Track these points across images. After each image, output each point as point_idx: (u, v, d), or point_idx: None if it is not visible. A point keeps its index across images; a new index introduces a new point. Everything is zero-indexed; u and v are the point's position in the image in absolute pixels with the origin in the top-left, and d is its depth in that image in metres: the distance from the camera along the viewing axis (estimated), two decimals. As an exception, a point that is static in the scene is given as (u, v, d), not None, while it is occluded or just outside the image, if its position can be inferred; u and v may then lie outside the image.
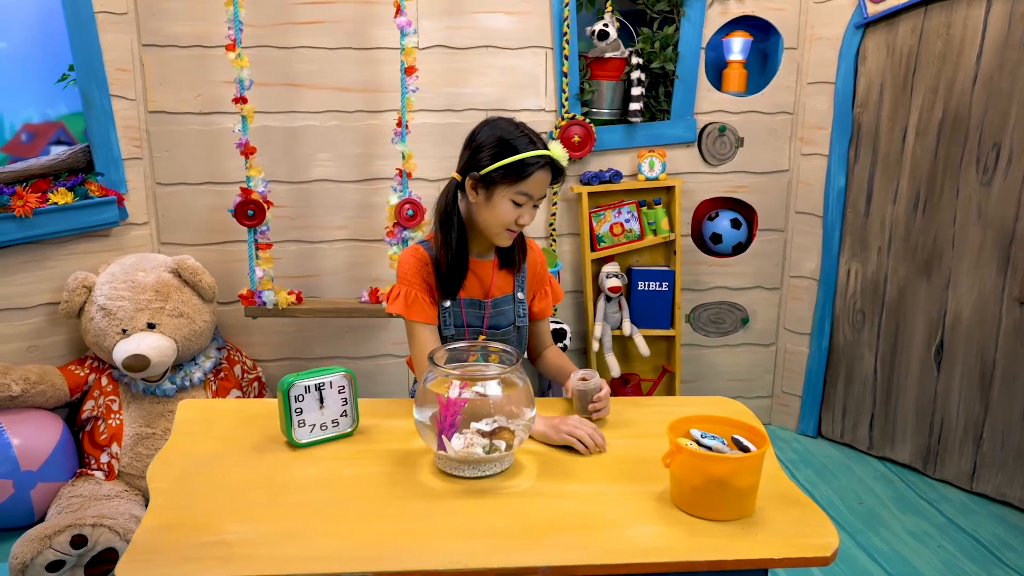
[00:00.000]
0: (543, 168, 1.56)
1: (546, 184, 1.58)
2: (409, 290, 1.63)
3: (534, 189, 1.56)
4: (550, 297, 1.81)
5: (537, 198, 1.58)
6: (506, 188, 1.56)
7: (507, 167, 1.54)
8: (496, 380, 1.32)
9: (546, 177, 1.57)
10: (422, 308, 1.62)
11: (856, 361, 2.89)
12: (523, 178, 1.54)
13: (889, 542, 2.34)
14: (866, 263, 2.81)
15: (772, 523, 1.19)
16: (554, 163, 1.57)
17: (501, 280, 1.71)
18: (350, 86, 2.69)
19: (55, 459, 2.31)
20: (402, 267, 1.66)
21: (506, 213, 1.57)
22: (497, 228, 1.60)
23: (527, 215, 1.58)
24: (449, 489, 1.27)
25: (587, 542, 1.14)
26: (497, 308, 1.69)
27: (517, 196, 1.56)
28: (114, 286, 2.43)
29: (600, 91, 2.80)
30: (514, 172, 1.54)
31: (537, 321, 1.82)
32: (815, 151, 2.88)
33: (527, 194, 1.56)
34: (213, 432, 1.44)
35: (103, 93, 2.54)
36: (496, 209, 1.57)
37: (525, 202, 1.57)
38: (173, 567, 1.04)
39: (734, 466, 1.17)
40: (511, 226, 1.59)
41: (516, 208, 1.57)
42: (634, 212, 2.86)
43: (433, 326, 1.65)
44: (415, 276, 1.64)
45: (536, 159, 1.54)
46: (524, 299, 1.74)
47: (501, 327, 1.71)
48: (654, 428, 1.50)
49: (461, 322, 1.67)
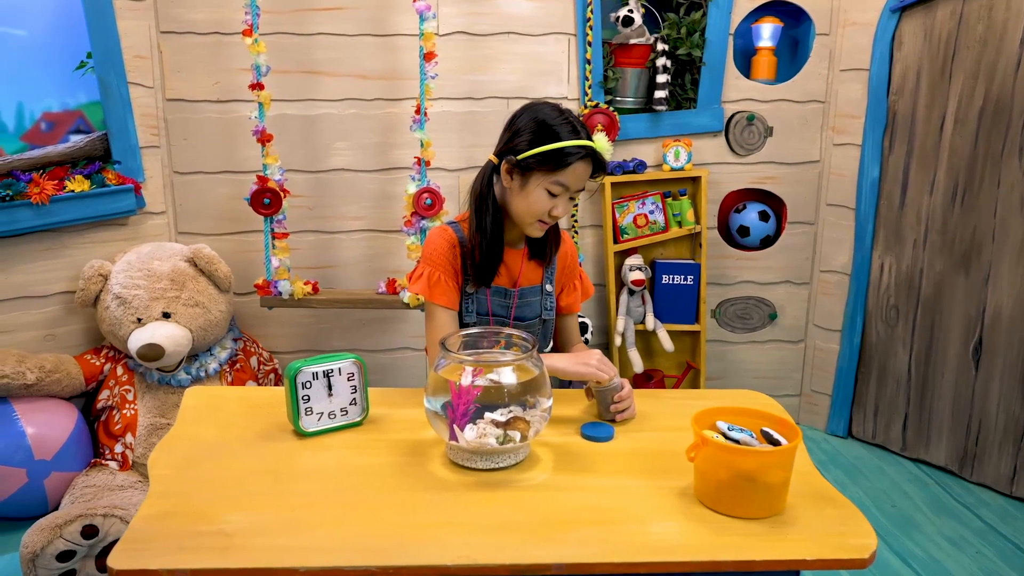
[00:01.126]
0: (583, 159, 1.47)
1: (585, 177, 1.50)
2: (433, 271, 1.57)
3: (571, 180, 1.48)
4: (579, 291, 1.74)
5: (574, 190, 1.50)
6: (542, 176, 1.48)
7: (545, 154, 1.47)
8: (511, 367, 1.25)
9: (586, 169, 1.49)
10: (444, 291, 1.56)
11: (889, 359, 2.79)
12: (561, 168, 1.47)
13: (924, 547, 2.24)
14: (900, 257, 2.71)
15: (804, 522, 1.11)
16: (596, 155, 1.49)
17: (530, 270, 1.64)
18: (369, 73, 2.65)
19: (69, 449, 2.29)
20: (428, 247, 1.60)
21: (540, 203, 1.50)
22: (529, 218, 1.52)
23: (561, 207, 1.50)
24: (460, 481, 1.21)
25: (605, 538, 1.07)
26: (524, 299, 1.63)
27: (553, 186, 1.48)
28: (130, 275, 2.40)
29: (624, 79, 2.73)
30: (552, 160, 1.47)
31: (565, 316, 1.75)
32: (848, 141, 2.78)
33: (564, 184, 1.48)
34: (218, 419, 1.40)
35: (120, 80, 2.52)
36: (530, 197, 1.50)
37: (561, 193, 1.49)
38: (168, 556, 0.99)
39: (763, 460, 1.10)
40: (543, 217, 1.51)
41: (551, 199, 1.49)
42: (658, 203, 2.78)
43: (454, 311, 1.59)
44: (441, 258, 1.58)
45: (576, 149, 1.46)
46: (552, 292, 1.67)
47: (527, 318, 1.64)
48: (677, 421, 1.44)
49: (485, 310, 1.61)
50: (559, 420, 1.43)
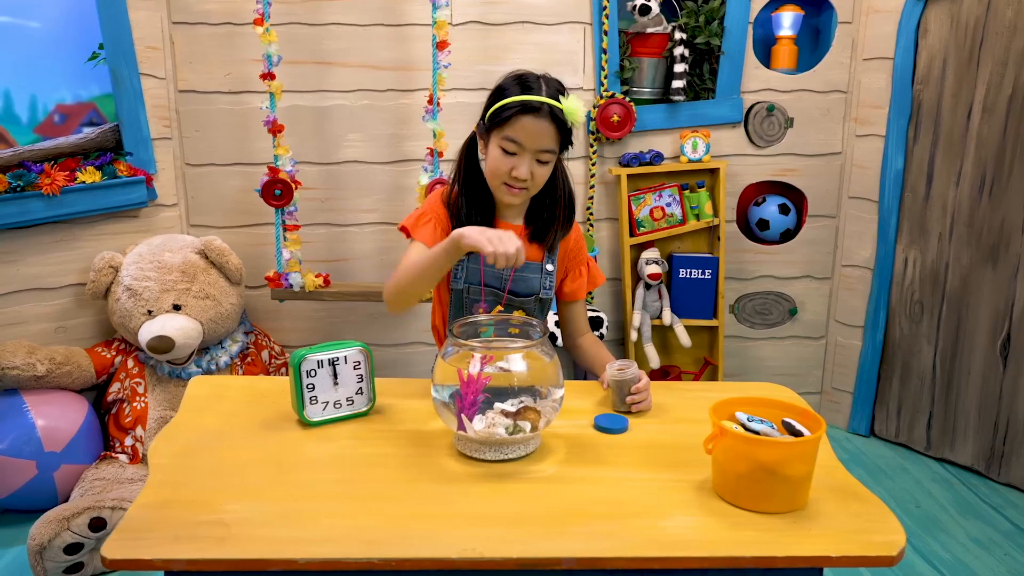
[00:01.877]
0: (534, 113, 1.41)
1: (541, 134, 1.43)
2: (425, 212, 1.57)
3: (521, 136, 1.43)
4: (584, 278, 1.69)
5: (531, 149, 1.44)
6: (496, 135, 1.46)
7: (494, 112, 1.45)
8: (521, 355, 1.21)
9: (540, 126, 1.42)
10: (431, 232, 1.53)
11: (913, 356, 2.71)
12: (506, 122, 1.43)
13: (950, 549, 2.17)
14: (925, 251, 2.63)
15: (828, 517, 1.06)
16: (554, 113, 1.42)
17: (529, 248, 1.60)
18: (382, 64, 2.61)
19: (79, 441, 2.27)
20: (430, 200, 1.61)
21: (496, 161, 1.47)
22: (493, 180, 1.50)
23: (523, 167, 1.45)
24: (468, 472, 1.17)
25: (618, 532, 1.02)
26: (520, 272, 1.58)
27: (504, 143, 1.45)
28: (140, 266, 2.39)
29: (641, 68, 2.68)
30: (503, 113, 1.43)
31: (570, 303, 1.70)
32: (871, 132, 2.71)
33: (513, 140, 1.44)
34: (222, 408, 1.36)
35: (132, 71, 2.50)
36: (489, 157, 1.50)
37: (516, 151, 1.44)
38: (163, 546, 0.95)
39: (785, 452, 1.05)
40: (505, 178, 1.47)
41: (506, 157, 1.46)
42: (676, 196, 2.73)
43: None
44: (438, 208, 1.58)
45: (517, 103, 1.42)
46: (553, 272, 1.62)
47: (522, 294, 1.60)
48: (694, 414, 1.39)
49: (477, 280, 1.58)
50: (572, 411, 1.38)
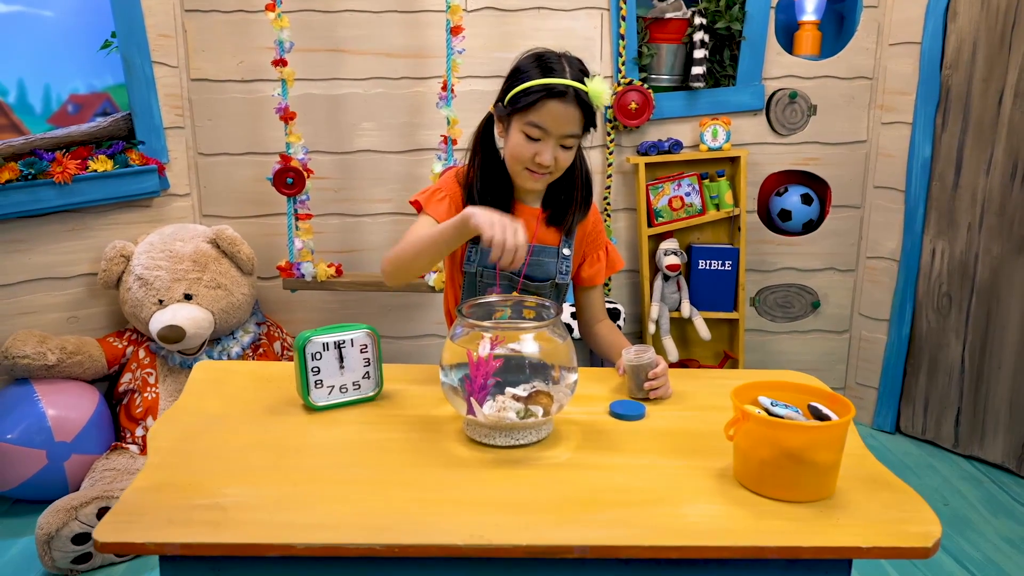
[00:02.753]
0: (559, 97, 1.36)
1: (566, 119, 1.38)
2: (439, 188, 1.52)
3: (547, 121, 1.37)
4: (602, 263, 1.63)
5: (556, 134, 1.38)
6: (518, 119, 1.40)
7: (517, 95, 1.39)
8: (532, 336, 1.15)
9: (566, 110, 1.37)
10: (446, 207, 1.49)
11: (941, 350, 2.63)
12: (531, 107, 1.37)
13: (980, 547, 2.09)
14: (954, 241, 2.55)
15: (857, 507, 1.00)
16: (580, 97, 1.37)
17: (546, 232, 1.55)
18: (395, 51, 2.57)
19: (90, 431, 2.25)
20: (446, 178, 1.56)
21: (518, 147, 1.41)
22: (516, 165, 1.45)
23: (547, 153, 1.39)
24: (477, 458, 1.12)
25: (633, 520, 0.97)
26: (535, 257, 1.53)
27: (527, 128, 1.39)
28: (151, 256, 2.36)
29: (659, 55, 2.62)
30: (526, 98, 1.37)
31: (586, 289, 1.65)
32: (897, 119, 2.63)
33: (538, 126, 1.38)
34: (225, 393, 1.32)
35: (144, 60, 2.48)
36: (511, 143, 1.44)
37: (540, 136, 1.39)
38: (156, 530, 0.91)
39: (812, 437, 0.99)
40: (529, 164, 1.42)
41: (530, 142, 1.40)
42: (695, 185, 2.66)
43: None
44: (452, 186, 1.53)
45: (542, 87, 1.36)
46: (570, 256, 1.57)
47: (537, 279, 1.55)
48: (714, 400, 1.33)
49: (491, 263, 1.51)
50: (586, 397, 1.33)
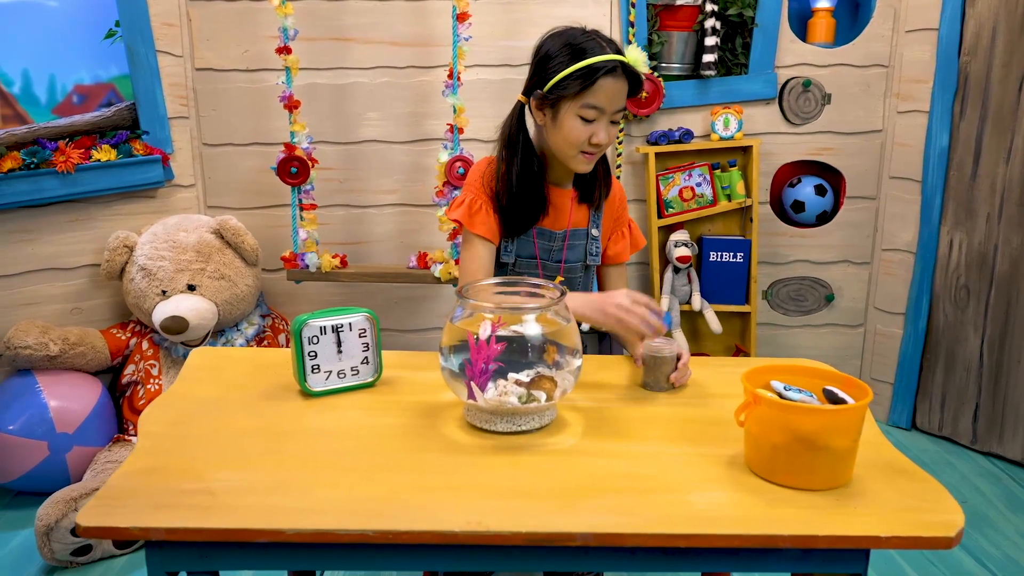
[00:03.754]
0: (610, 75, 1.32)
1: (619, 94, 1.35)
2: (475, 198, 1.46)
3: (603, 100, 1.33)
4: (627, 240, 1.59)
5: (610, 111, 1.35)
6: (571, 102, 1.35)
7: (567, 78, 1.33)
8: (535, 318, 1.11)
9: (618, 86, 1.34)
10: (485, 220, 1.44)
11: (958, 344, 2.57)
12: (587, 88, 1.32)
13: (999, 545, 2.03)
14: (972, 233, 2.49)
15: (875, 495, 0.95)
16: (628, 69, 1.34)
17: (578, 213, 1.52)
18: (401, 40, 2.54)
19: (92, 423, 2.23)
20: (472, 175, 1.51)
21: (574, 131, 1.36)
22: (570, 150, 1.39)
23: (603, 132, 1.36)
24: (477, 444, 1.08)
25: (639, 508, 0.92)
26: (571, 240, 1.51)
27: (584, 110, 1.34)
28: (155, 246, 2.34)
29: (670, 43, 2.57)
30: (577, 81, 1.33)
31: (611, 267, 1.61)
32: (914, 107, 2.57)
33: (595, 107, 1.34)
34: (221, 379, 1.29)
35: (149, 49, 2.46)
36: (564, 128, 1.37)
37: (596, 117, 1.35)
38: (142, 514, 0.88)
39: (827, 421, 0.94)
40: (584, 147, 1.37)
41: (586, 125, 1.35)
42: (706, 175, 2.61)
43: (493, 245, 1.47)
44: (487, 185, 1.47)
45: (599, 64, 1.31)
46: (599, 236, 1.54)
47: (570, 262, 1.52)
48: (724, 388, 1.29)
49: (529, 252, 1.49)
50: (591, 385, 1.29)
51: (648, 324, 1.24)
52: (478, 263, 1.43)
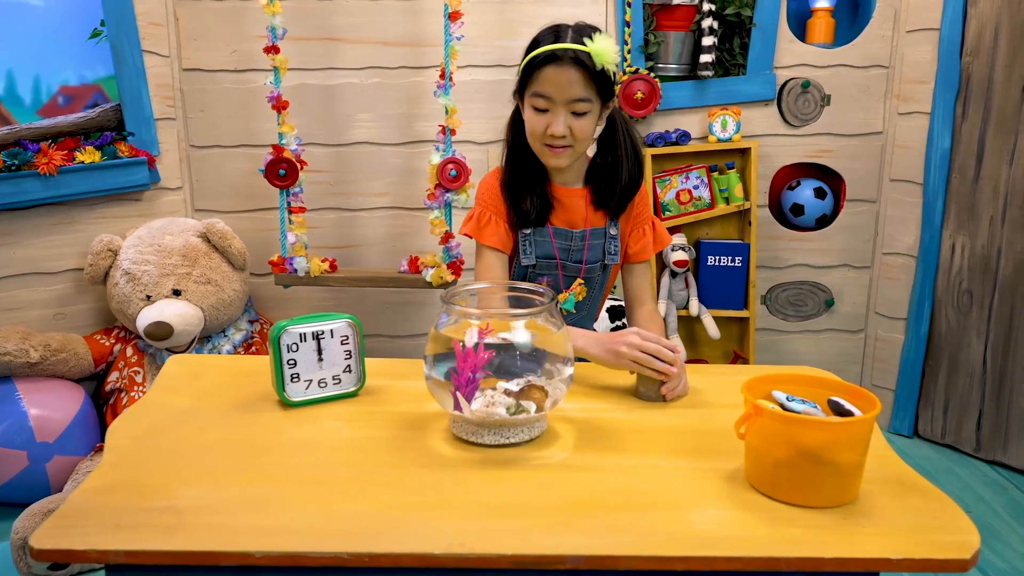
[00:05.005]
0: (555, 62, 1.32)
1: (569, 83, 1.33)
2: (484, 211, 1.48)
3: (548, 88, 1.34)
4: (648, 237, 1.54)
5: (562, 100, 1.34)
6: (526, 93, 1.38)
7: (521, 74, 1.39)
8: (524, 324, 1.06)
9: (565, 74, 1.32)
10: (495, 231, 1.46)
11: (961, 350, 2.52)
12: (532, 76, 1.35)
13: (1006, 557, 1.98)
14: (975, 236, 2.44)
15: (884, 513, 0.90)
16: (580, 59, 1.31)
17: (595, 213, 1.50)
18: (393, 40, 2.49)
19: (73, 431, 2.17)
20: (481, 189, 1.53)
21: (531, 123, 1.39)
22: (535, 144, 1.42)
23: (558, 123, 1.35)
24: (463, 458, 1.02)
25: (635, 527, 0.87)
26: (590, 241, 1.49)
27: (534, 99, 1.36)
28: (140, 250, 2.28)
29: (667, 43, 2.52)
30: (526, 72, 1.36)
31: (633, 266, 1.56)
32: (915, 109, 2.52)
33: (542, 95, 1.35)
34: (196, 388, 1.23)
35: (135, 48, 2.40)
36: (526, 122, 1.40)
37: (546, 106, 1.35)
38: (100, 536, 0.82)
39: (833, 434, 0.89)
40: (545, 139, 1.38)
41: (539, 115, 1.37)
42: (704, 178, 2.56)
43: (504, 255, 1.48)
44: (494, 198, 1.49)
45: (543, 52, 1.33)
46: (617, 235, 1.52)
47: (589, 262, 1.50)
48: (722, 398, 1.23)
49: (548, 253, 1.48)
50: (584, 394, 1.23)
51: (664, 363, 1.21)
52: (492, 273, 1.46)
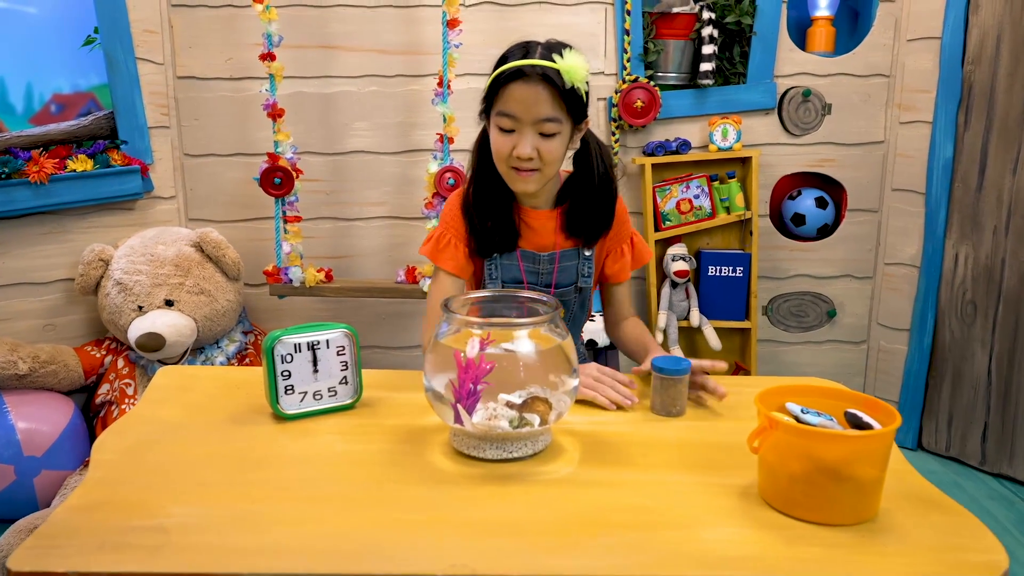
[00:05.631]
0: (520, 79, 1.22)
1: (536, 101, 1.22)
2: (444, 232, 1.40)
3: (513, 107, 1.23)
4: (627, 258, 1.47)
5: (529, 120, 1.24)
6: (492, 115, 1.28)
7: (486, 91, 1.29)
8: (528, 335, 1.02)
9: (531, 91, 1.22)
10: (453, 255, 1.38)
11: (965, 361, 2.48)
12: (497, 94, 1.25)
13: (1014, 572, 1.93)
14: (978, 246, 2.41)
15: (905, 531, 0.86)
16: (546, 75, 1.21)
17: (564, 238, 1.42)
18: (390, 48, 2.46)
19: (62, 445, 2.12)
20: (445, 208, 1.45)
21: (496, 143, 1.29)
22: (501, 166, 1.31)
23: (523, 144, 1.25)
24: (464, 473, 0.98)
25: (645, 546, 0.83)
26: (561, 264, 1.42)
27: (499, 119, 1.26)
28: (131, 259, 2.24)
29: (666, 51, 2.50)
30: (492, 89, 1.27)
31: (612, 286, 1.51)
32: (916, 118, 2.50)
33: (507, 114, 1.24)
34: (187, 400, 1.19)
35: (128, 55, 2.37)
36: (492, 143, 1.31)
37: (512, 126, 1.25)
38: (82, 556, 0.78)
39: (853, 448, 0.85)
40: (512, 161, 1.28)
41: (505, 136, 1.27)
42: (704, 187, 2.53)
43: (461, 280, 1.41)
44: (456, 220, 1.41)
45: (509, 68, 1.23)
46: (592, 256, 1.44)
47: (561, 285, 1.43)
48: (732, 411, 1.19)
49: (514, 277, 1.40)
50: (589, 405, 1.19)
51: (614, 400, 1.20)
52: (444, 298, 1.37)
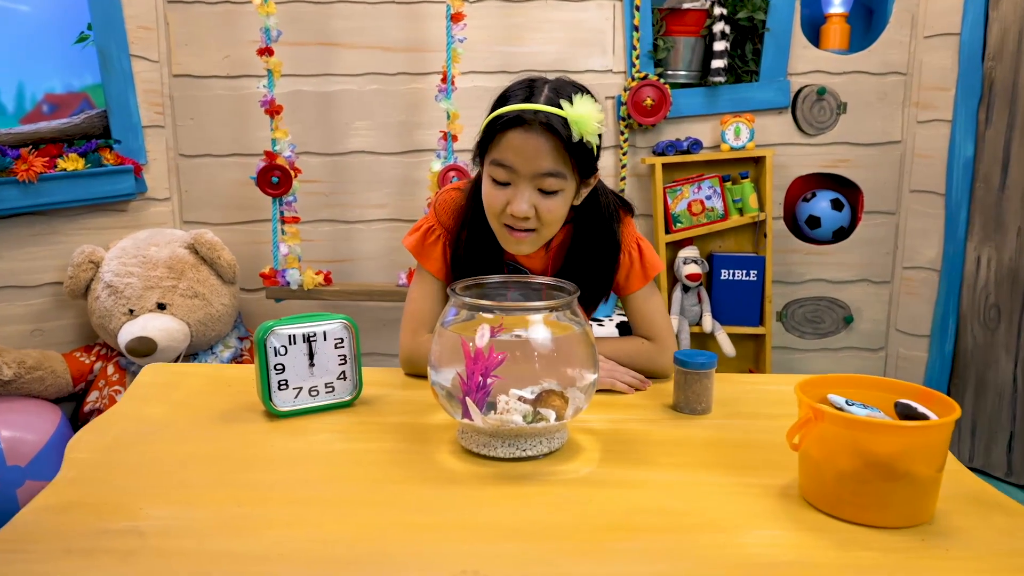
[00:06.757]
0: (520, 126, 1.06)
1: (537, 152, 1.07)
2: (433, 226, 1.26)
3: (510, 157, 1.08)
4: (635, 267, 1.31)
5: (527, 173, 1.08)
6: (487, 162, 1.12)
7: (481, 136, 1.13)
8: (543, 322, 0.93)
9: (532, 141, 1.06)
10: (437, 255, 1.25)
11: (989, 368, 2.39)
12: (492, 140, 1.09)
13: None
14: (1002, 248, 2.33)
15: (967, 535, 0.77)
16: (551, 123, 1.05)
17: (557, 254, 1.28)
18: (392, 45, 2.39)
19: (47, 454, 2.02)
20: (440, 199, 1.28)
21: (488, 195, 1.13)
22: (493, 222, 1.16)
23: (519, 199, 1.09)
24: (474, 472, 0.89)
25: (676, 552, 0.74)
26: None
27: (493, 169, 1.11)
28: (123, 261, 2.16)
29: (677, 49, 2.43)
30: (486, 134, 1.11)
31: (626, 298, 1.35)
32: (935, 116, 2.43)
33: (502, 164, 1.09)
34: (173, 398, 1.10)
35: (122, 52, 2.30)
36: (484, 194, 1.15)
37: (507, 178, 1.10)
38: (47, 563, 0.69)
39: (909, 441, 0.76)
40: (505, 218, 1.12)
41: (499, 189, 1.11)
42: (716, 188, 2.45)
43: (442, 283, 1.27)
44: (450, 213, 1.25)
45: (507, 112, 1.07)
46: None
47: None
48: (764, 408, 1.11)
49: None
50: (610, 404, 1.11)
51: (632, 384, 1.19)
52: (425, 304, 1.25)
